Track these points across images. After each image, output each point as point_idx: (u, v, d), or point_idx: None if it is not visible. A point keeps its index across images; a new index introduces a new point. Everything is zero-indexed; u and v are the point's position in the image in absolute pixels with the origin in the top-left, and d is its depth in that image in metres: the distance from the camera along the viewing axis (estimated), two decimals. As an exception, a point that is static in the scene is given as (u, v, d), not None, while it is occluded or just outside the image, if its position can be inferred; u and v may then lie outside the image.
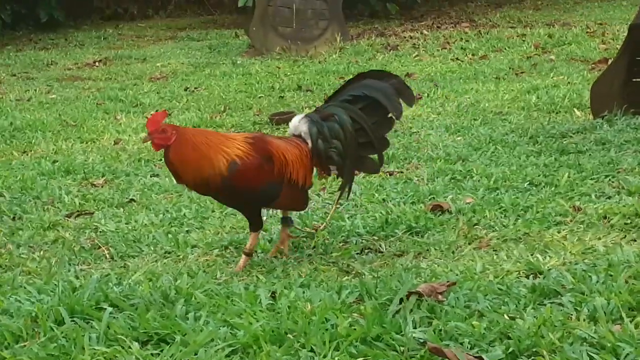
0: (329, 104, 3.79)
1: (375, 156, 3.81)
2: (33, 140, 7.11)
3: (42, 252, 4.01)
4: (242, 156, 3.55)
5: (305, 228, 4.07)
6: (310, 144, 3.74)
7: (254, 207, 3.72)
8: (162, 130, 3.50)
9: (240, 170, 3.53)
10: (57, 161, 6.14)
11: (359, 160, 3.78)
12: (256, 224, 3.72)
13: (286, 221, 3.86)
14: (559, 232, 3.86)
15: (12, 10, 14.65)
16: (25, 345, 2.66)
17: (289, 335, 2.66)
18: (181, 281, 3.23)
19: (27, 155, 6.62)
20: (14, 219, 4.68)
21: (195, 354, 2.57)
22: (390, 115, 3.74)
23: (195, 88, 9.65)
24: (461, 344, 2.56)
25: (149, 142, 3.58)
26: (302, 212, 4.10)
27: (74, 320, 2.82)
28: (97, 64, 12.11)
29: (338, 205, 4.09)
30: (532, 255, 3.51)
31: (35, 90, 10.11)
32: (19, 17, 15.16)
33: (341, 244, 3.93)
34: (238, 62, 11.38)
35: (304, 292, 3.05)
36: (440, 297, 2.86)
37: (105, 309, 2.86)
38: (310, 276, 3.39)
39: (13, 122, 7.73)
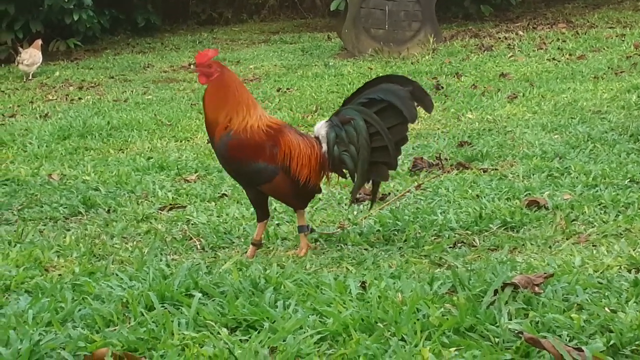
0: (346, 107, 3.78)
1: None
2: (129, 139, 7.23)
3: (134, 243, 4.04)
4: (249, 130, 3.64)
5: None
6: (325, 148, 3.74)
7: (247, 184, 3.80)
8: (208, 65, 3.68)
9: (237, 140, 3.63)
10: (152, 158, 6.22)
11: (371, 166, 3.74)
12: (260, 214, 3.79)
13: (302, 229, 3.83)
14: (662, 229, 3.70)
15: (110, 16, 14.99)
16: (115, 329, 2.67)
17: (379, 324, 2.60)
18: (271, 270, 3.20)
19: (123, 152, 6.73)
20: (108, 211, 4.74)
21: (284, 341, 2.52)
22: (405, 121, 3.71)
23: (287, 89, 9.68)
24: (559, 336, 2.46)
25: (196, 75, 3.71)
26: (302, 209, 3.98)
27: (163, 306, 2.82)
28: (192, 66, 12.26)
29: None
30: (634, 250, 3.36)
31: (132, 91, 10.31)
32: (117, 22, 15.50)
33: (433, 238, 3.85)
34: (330, 63, 11.37)
35: (394, 283, 2.98)
36: (536, 288, 2.76)
37: (195, 295, 2.84)
38: (401, 268, 3.32)
39: (110, 122, 7.89)
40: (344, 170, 3.81)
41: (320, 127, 3.80)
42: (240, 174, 3.77)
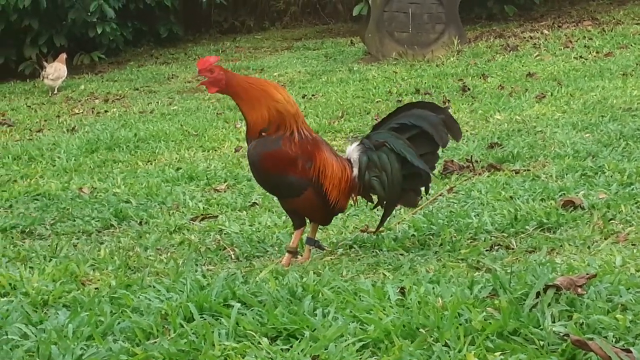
0: (378, 132, 3.75)
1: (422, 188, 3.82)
2: (157, 150, 7.24)
3: (169, 254, 4.04)
4: (287, 139, 3.62)
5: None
6: (355, 172, 3.72)
7: (273, 194, 3.90)
8: (210, 70, 3.66)
9: (270, 151, 3.62)
10: (181, 169, 6.23)
11: (401, 193, 3.73)
12: (298, 222, 3.77)
13: (310, 242, 3.83)
14: (702, 226, 3.64)
15: (133, 27, 15.06)
16: (156, 342, 2.66)
17: (421, 330, 2.57)
18: (308, 278, 3.18)
19: (152, 164, 6.73)
20: (140, 223, 4.74)
21: (326, 349, 2.50)
22: (437, 149, 3.75)
23: (312, 95, 9.67)
24: (605, 337, 2.42)
25: (204, 87, 3.76)
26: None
27: (203, 317, 2.80)
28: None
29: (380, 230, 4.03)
30: (675, 248, 3.31)
31: (157, 102, 10.34)
32: (140, 33, 15.58)
33: (469, 241, 3.82)
34: (354, 68, 11.35)
35: (433, 288, 2.94)
36: (580, 290, 2.72)
37: (234, 305, 2.83)
38: (439, 272, 3.28)
39: (137, 134, 7.90)
40: (371, 195, 3.79)
41: (353, 151, 3.77)
42: (269, 184, 3.77)
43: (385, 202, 3.78)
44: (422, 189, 3.81)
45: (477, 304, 2.73)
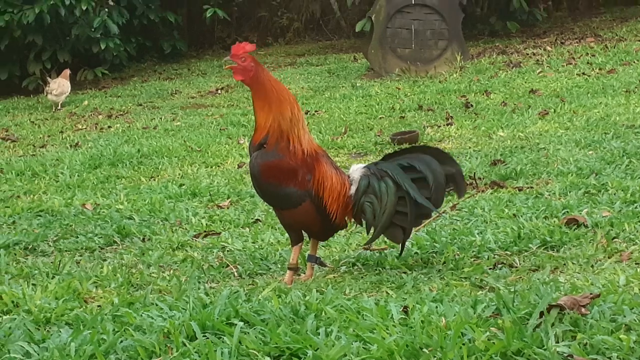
0: (388, 162, 3.75)
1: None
2: (160, 166, 7.24)
3: (171, 271, 4.04)
4: (287, 151, 3.64)
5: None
6: (352, 190, 3.72)
7: (270, 205, 3.92)
8: (242, 58, 3.69)
9: (270, 162, 3.65)
10: (184, 185, 6.23)
11: (390, 226, 3.71)
12: (295, 238, 3.78)
13: (311, 258, 3.83)
14: None
15: (137, 43, 15.11)
16: (158, 361, 2.65)
17: (424, 350, 2.56)
18: (311, 297, 3.17)
19: (155, 180, 6.74)
20: (143, 240, 4.74)
21: (329, 369, 2.50)
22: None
23: (315, 111, 9.68)
24: (609, 358, 2.41)
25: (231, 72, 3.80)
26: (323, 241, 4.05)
27: (205, 336, 2.80)
28: (219, 91, 12.32)
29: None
30: (679, 267, 3.30)
31: (161, 118, 10.35)
32: (144, 49, 15.62)
33: (472, 259, 3.81)
34: (357, 84, 11.37)
35: (436, 307, 2.94)
36: (583, 310, 2.71)
37: (236, 324, 2.82)
38: (443, 291, 3.28)
39: (140, 149, 7.91)
40: (361, 219, 3.79)
41: (356, 170, 3.78)
42: (268, 194, 3.77)
43: (372, 229, 3.77)
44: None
45: (480, 323, 2.72)
